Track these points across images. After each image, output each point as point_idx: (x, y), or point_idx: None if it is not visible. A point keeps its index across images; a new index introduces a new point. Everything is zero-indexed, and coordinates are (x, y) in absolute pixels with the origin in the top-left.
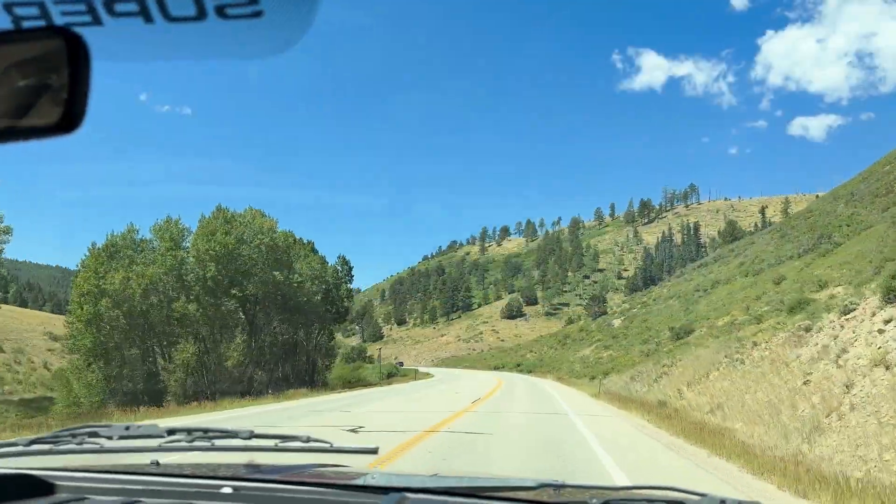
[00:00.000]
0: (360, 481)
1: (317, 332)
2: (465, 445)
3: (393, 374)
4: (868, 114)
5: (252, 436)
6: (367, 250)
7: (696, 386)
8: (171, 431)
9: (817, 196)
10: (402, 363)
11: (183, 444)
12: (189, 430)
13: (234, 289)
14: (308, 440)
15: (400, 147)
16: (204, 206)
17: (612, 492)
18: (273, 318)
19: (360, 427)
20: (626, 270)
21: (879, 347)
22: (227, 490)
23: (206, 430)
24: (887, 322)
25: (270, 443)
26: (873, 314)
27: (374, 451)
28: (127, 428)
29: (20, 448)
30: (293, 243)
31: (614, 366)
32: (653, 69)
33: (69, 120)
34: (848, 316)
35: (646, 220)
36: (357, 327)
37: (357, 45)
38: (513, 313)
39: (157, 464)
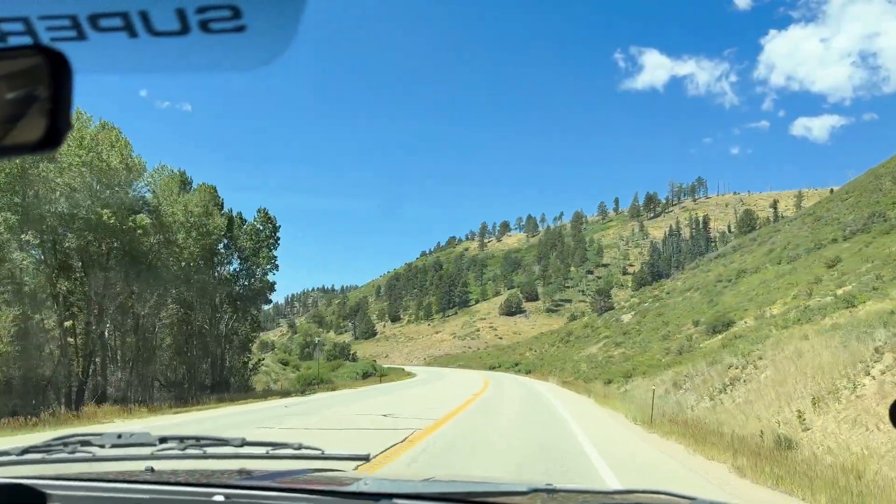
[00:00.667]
0: (352, 487)
1: (228, 316)
2: None
3: (369, 373)
4: (871, 114)
5: (244, 443)
6: (365, 248)
7: (832, 405)
8: (163, 440)
9: (831, 191)
10: (375, 361)
11: (175, 452)
12: (181, 439)
13: (29, 232)
14: (299, 447)
15: (399, 145)
16: None
17: (604, 496)
18: (129, 288)
19: None
20: (631, 266)
21: None
22: (220, 498)
23: (198, 439)
24: None
25: (262, 450)
26: None
27: (365, 458)
28: (119, 436)
29: (12, 457)
30: (164, 175)
31: (634, 366)
32: (655, 68)
33: (53, 136)
34: None
35: (652, 215)
36: (350, 324)
37: (357, 42)
38: (512, 309)
39: (152, 470)
